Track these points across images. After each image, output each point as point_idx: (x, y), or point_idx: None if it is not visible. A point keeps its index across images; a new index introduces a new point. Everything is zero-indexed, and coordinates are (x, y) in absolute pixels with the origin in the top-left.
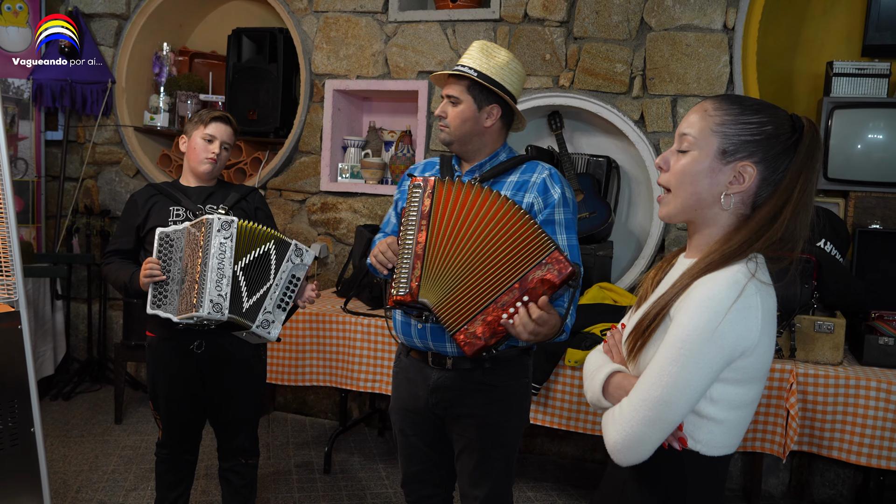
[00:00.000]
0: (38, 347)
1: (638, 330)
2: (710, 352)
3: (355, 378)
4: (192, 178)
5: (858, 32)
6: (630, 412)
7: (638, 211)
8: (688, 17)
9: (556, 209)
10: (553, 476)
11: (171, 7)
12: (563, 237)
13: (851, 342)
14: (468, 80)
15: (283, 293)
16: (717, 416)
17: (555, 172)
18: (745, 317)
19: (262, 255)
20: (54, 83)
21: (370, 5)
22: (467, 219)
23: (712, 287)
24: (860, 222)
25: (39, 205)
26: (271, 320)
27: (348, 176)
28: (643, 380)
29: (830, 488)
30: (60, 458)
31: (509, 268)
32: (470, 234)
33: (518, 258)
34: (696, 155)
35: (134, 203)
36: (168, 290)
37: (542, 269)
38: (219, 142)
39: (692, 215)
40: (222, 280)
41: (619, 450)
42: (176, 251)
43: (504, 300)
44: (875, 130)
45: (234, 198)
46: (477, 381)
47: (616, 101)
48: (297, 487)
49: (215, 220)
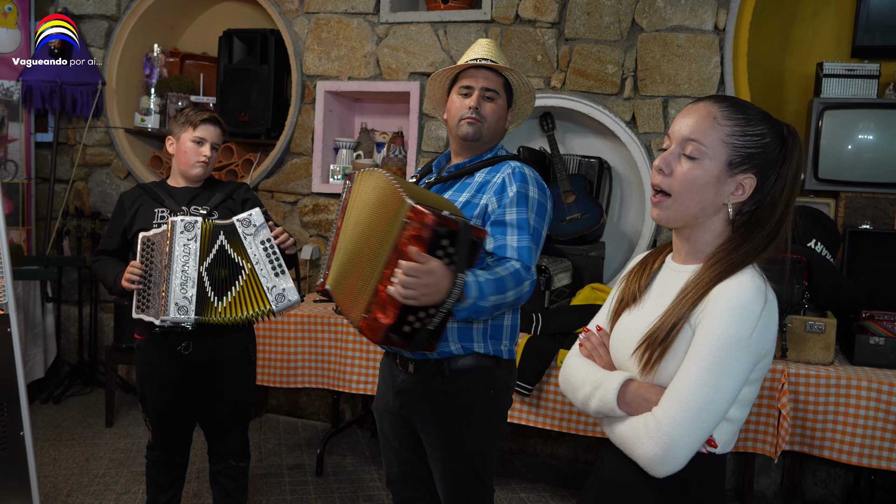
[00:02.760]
0: (29, 350)
1: (654, 341)
2: (745, 358)
3: (347, 380)
4: (182, 179)
5: (848, 34)
6: (668, 423)
7: (630, 212)
8: (679, 18)
9: (507, 209)
10: (546, 477)
11: (161, 8)
12: (512, 238)
13: (842, 342)
14: (504, 79)
15: (270, 261)
16: (732, 416)
17: (518, 170)
18: (770, 321)
19: (219, 249)
20: (44, 85)
21: (361, 6)
22: (367, 207)
23: (740, 295)
24: (850, 222)
25: (29, 207)
26: (281, 290)
27: (340, 177)
28: (680, 390)
29: (822, 488)
30: (51, 461)
31: (384, 243)
32: (368, 221)
33: (388, 230)
34: (706, 165)
35: (122, 204)
36: (151, 293)
37: (408, 228)
38: (209, 144)
39: (691, 222)
40: (187, 283)
41: (658, 462)
42: (156, 254)
43: (386, 274)
44: (865, 131)
45: (219, 197)
46: (437, 389)
47: (607, 102)
48: (289, 490)
49: (178, 222)
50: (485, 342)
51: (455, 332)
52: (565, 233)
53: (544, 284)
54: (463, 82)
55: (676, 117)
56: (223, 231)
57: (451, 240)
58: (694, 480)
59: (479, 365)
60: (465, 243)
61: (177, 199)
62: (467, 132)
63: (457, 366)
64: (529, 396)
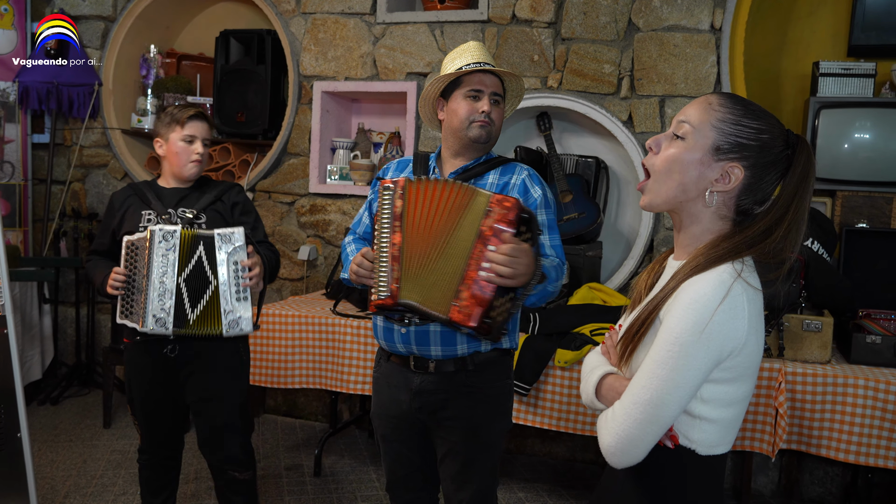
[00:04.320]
0: (26, 352)
1: (629, 333)
2: (699, 353)
3: (345, 380)
4: (173, 179)
5: (844, 33)
6: (622, 415)
7: (627, 211)
8: (675, 18)
9: (538, 210)
10: (544, 477)
11: (158, 9)
12: (546, 238)
13: (839, 341)
14: (503, 84)
15: (237, 284)
16: (709, 416)
17: (533, 173)
18: (732, 317)
19: (197, 261)
20: (40, 85)
21: (358, 7)
22: (436, 212)
23: (699, 288)
24: (847, 221)
25: (26, 208)
26: (237, 317)
27: (337, 178)
28: (634, 382)
29: (819, 486)
30: (48, 462)
31: (466, 234)
32: (439, 225)
33: (468, 222)
34: (690, 144)
35: (111, 204)
36: (134, 299)
37: (490, 217)
38: (199, 140)
39: (675, 206)
40: (165, 294)
41: (613, 452)
42: (139, 260)
43: (473, 263)
44: (861, 130)
45: (207, 199)
46: (460, 384)
47: (604, 101)
48: (286, 491)
49: (157, 231)
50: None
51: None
52: (562, 232)
53: None
54: (472, 86)
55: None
56: (203, 242)
57: (528, 225)
58: (692, 482)
59: (497, 357)
60: (536, 228)
61: (164, 200)
62: (479, 135)
63: (479, 360)
64: (527, 396)
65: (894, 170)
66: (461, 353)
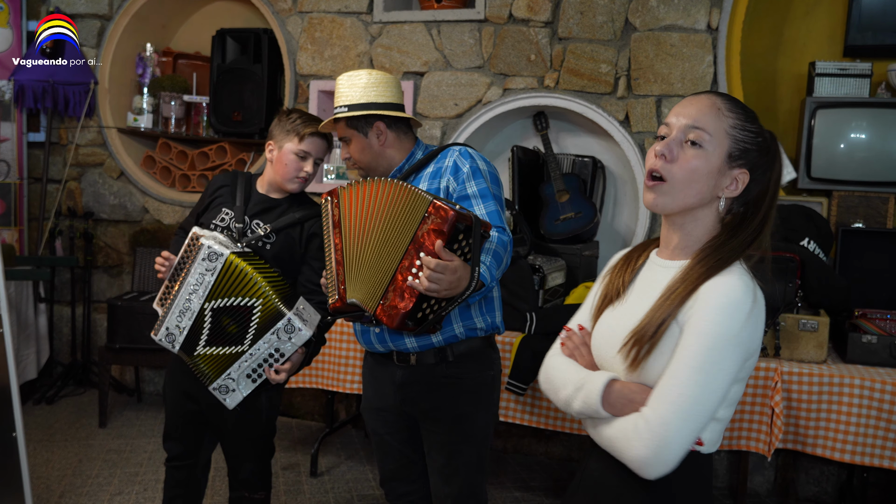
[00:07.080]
0: (21, 351)
1: (641, 338)
2: (735, 356)
3: (342, 380)
4: (269, 186)
5: (840, 33)
6: (660, 425)
7: (623, 210)
8: (672, 18)
9: (466, 184)
10: (540, 476)
11: (154, 8)
12: (479, 207)
13: (835, 340)
14: (343, 119)
15: (258, 366)
16: (720, 416)
17: (464, 151)
18: (758, 320)
19: (241, 308)
20: (36, 84)
21: (355, 6)
22: (373, 211)
23: (730, 293)
24: (843, 221)
25: (22, 207)
26: (232, 388)
27: (333, 177)
28: (670, 390)
29: (815, 485)
30: (44, 462)
31: (402, 236)
32: (373, 223)
33: (405, 225)
34: (709, 154)
35: (208, 186)
36: (169, 296)
37: (427, 222)
38: (313, 160)
39: (685, 212)
40: (186, 312)
41: (650, 464)
42: (187, 260)
43: (405, 265)
44: (857, 130)
45: (288, 220)
46: (441, 375)
47: (601, 101)
48: (283, 490)
49: (204, 247)
50: (482, 316)
51: (456, 314)
52: (559, 232)
53: (538, 284)
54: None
55: (675, 107)
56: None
57: (466, 234)
58: (680, 481)
59: (479, 347)
60: (477, 237)
61: (249, 204)
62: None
63: (460, 350)
64: (524, 396)
65: (890, 170)
66: (436, 342)
